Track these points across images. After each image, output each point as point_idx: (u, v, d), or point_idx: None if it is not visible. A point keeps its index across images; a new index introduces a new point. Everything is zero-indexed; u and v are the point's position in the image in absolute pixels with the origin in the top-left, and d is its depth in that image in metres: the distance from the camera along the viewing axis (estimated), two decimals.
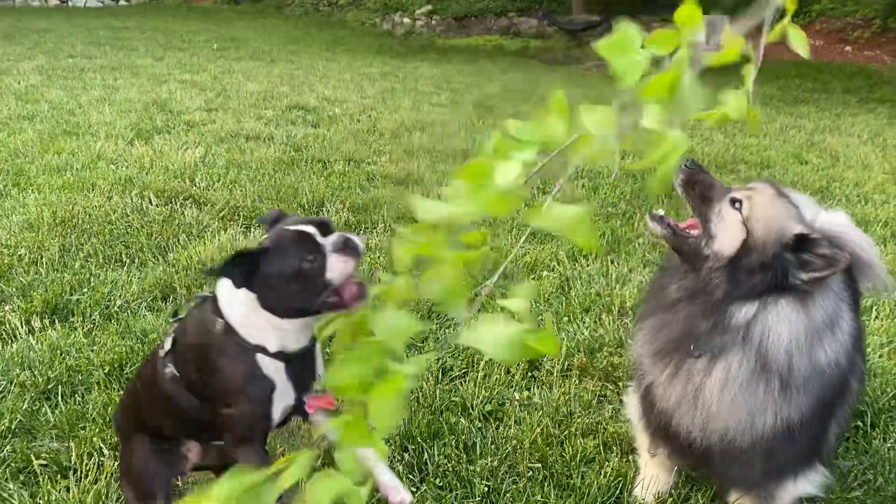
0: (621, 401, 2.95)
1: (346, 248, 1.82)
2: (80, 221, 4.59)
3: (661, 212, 2.06)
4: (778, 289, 1.82)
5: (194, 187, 5.44)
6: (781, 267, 1.80)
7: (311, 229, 1.84)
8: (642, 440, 2.44)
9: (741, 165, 6.88)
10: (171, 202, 5.08)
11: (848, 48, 17.43)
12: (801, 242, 1.80)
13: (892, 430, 2.78)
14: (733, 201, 1.90)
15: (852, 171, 6.76)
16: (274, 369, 1.94)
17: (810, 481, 2.11)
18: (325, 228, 1.88)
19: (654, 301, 2.13)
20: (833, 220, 2.38)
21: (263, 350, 1.92)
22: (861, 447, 2.69)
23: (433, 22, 22.06)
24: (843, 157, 7.39)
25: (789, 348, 1.82)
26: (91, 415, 2.70)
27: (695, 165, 2.03)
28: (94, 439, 2.57)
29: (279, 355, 1.93)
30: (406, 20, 22.43)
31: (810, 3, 19.12)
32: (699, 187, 1.97)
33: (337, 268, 1.79)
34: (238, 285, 1.81)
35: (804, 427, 1.93)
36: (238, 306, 1.91)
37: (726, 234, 1.86)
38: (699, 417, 1.96)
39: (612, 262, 4.32)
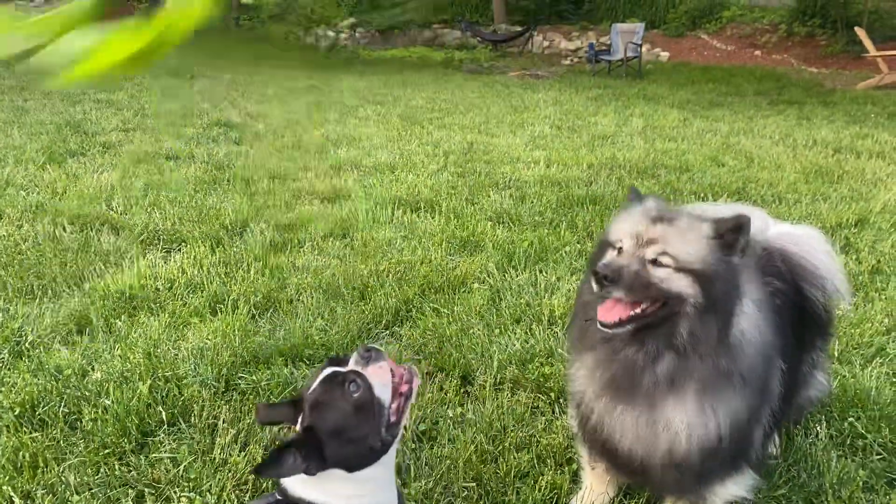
0: (553, 412, 2.97)
1: (369, 355, 1.75)
2: None
3: (609, 315, 1.87)
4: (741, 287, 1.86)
5: (111, 212, 5.24)
6: (733, 271, 1.83)
7: (330, 369, 1.75)
8: (584, 453, 2.44)
9: (661, 170, 7.06)
10: (87, 228, 4.87)
11: (757, 52, 18.21)
12: (720, 235, 1.83)
13: (813, 426, 2.87)
14: (653, 263, 1.85)
15: (766, 172, 7.03)
16: None
17: (739, 484, 2.14)
18: (340, 361, 1.79)
19: (593, 340, 2.05)
20: (780, 232, 2.46)
21: None
22: (784, 444, 2.76)
23: (357, 35, 22.00)
24: (757, 159, 7.68)
25: (753, 337, 1.87)
26: (0, 461, 2.54)
27: (608, 271, 1.84)
28: (5, 488, 2.41)
29: None
30: (330, 33, 22.29)
31: (721, 10, 19.90)
32: (634, 282, 1.84)
33: (378, 375, 1.71)
34: (315, 471, 1.64)
35: (739, 424, 1.97)
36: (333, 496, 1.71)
37: (685, 289, 1.82)
38: (656, 444, 1.97)
39: (541, 271, 4.35)
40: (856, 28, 15.43)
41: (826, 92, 13.51)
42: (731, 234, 1.82)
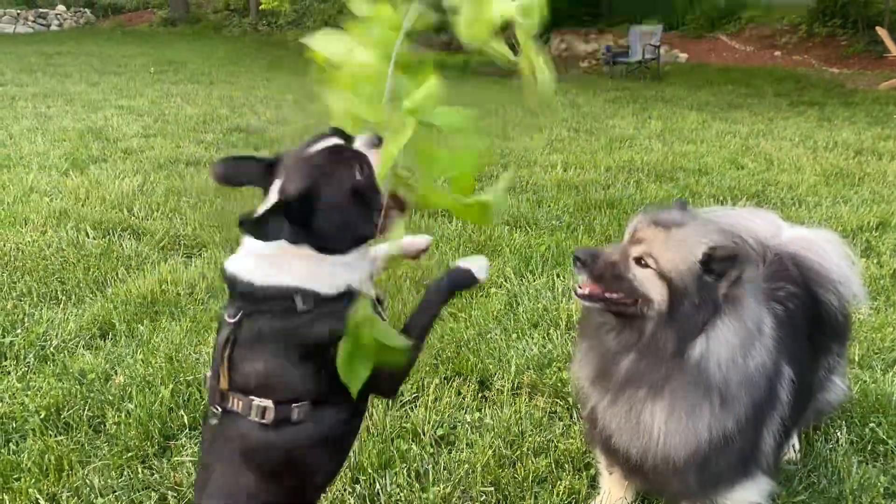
0: (571, 417, 2.97)
1: (380, 142, 1.61)
2: (11, 258, 4.43)
3: (584, 287, 1.96)
4: (714, 312, 1.86)
5: (133, 217, 5.31)
6: (710, 294, 1.84)
7: (333, 140, 1.62)
8: (601, 458, 2.45)
9: (679, 173, 7.03)
10: (109, 234, 4.94)
11: (777, 53, 18.07)
12: (709, 259, 1.83)
13: (833, 432, 2.85)
14: (637, 261, 1.89)
15: (786, 175, 6.97)
16: None
17: (751, 490, 2.14)
18: (345, 136, 1.65)
19: (590, 327, 2.13)
20: (793, 236, 2.46)
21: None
22: (804, 450, 2.75)
23: None
24: (776, 161, 7.62)
25: (728, 364, 1.87)
26: (26, 464, 2.58)
27: (584, 256, 1.94)
28: (31, 490, 2.46)
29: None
30: None
31: (740, 11, 19.77)
32: (606, 271, 1.91)
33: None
34: (295, 239, 1.54)
35: (738, 435, 1.98)
36: (297, 266, 1.59)
37: (655, 293, 1.87)
38: (640, 442, 1.99)
39: (558, 275, 4.35)
40: (877, 28, 15.29)
41: (847, 93, 13.38)
42: (720, 264, 1.82)
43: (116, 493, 2.48)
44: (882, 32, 14.76)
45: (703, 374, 1.87)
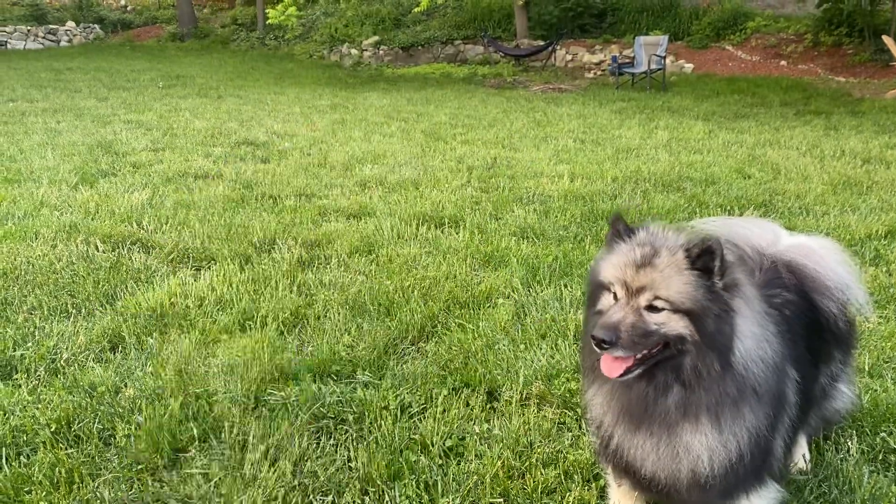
0: (580, 427, 2.96)
1: None
2: (22, 272, 4.46)
3: (613, 366, 1.93)
4: (732, 310, 1.88)
5: (142, 231, 5.35)
6: (719, 296, 1.86)
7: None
8: (610, 470, 2.45)
9: (686, 183, 7.02)
10: (118, 247, 4.97)
11: (783, 62, 18.04)
12: (692, 264, 1.87)
13: (844, 441, 2.84)
14: (649, 309, 1.89)
15: (793, 184, 6.96)
16: None
17: (764, 498, 2.13)
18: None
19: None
20: (791, 244, 2.46)
21: None
22: (815, 460, 2.74)
23: (381, 52, 22.20)
24: (783, 170, 7.61)
25: (757, 357, 1.89)
26: (37, 478, 2.59)
27: (606, 335, 1.87)
28: None
29: None
30: (354, 51, 22.52)
31: (745, 21, 19.78)
32: (633, 336, 1.87)
33: None
34: None
35: (765, 434, 1.98)
36: None
37: (682, 328, 1.88)
38: (676, 467, 1.99)
39: (566, 286, 4.35)
40: (883, 36, 15.26)
41: (854, 101, 13.35)
42: (701, 260, 1.86)
43: None
44: (888, 41, 14.75)
45: (745, 375, 1.89)
